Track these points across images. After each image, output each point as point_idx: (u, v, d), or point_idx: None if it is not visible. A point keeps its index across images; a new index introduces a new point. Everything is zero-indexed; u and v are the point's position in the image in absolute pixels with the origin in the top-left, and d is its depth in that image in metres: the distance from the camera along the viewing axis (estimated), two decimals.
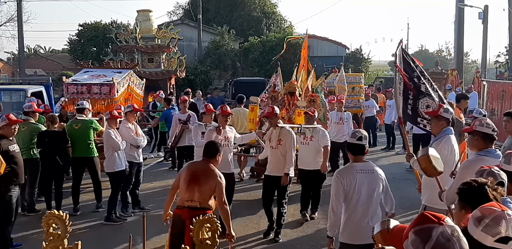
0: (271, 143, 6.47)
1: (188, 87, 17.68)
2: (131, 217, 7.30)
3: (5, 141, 5.99)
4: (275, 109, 6.48)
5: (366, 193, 4.02)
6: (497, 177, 2.85)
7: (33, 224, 6.87)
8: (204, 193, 4.43)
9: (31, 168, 7.32)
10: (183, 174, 4.58)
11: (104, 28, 29.03)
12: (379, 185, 4.07)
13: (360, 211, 4.04)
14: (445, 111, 4.80)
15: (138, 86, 10.71)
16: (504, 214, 1.96)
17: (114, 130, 7.10)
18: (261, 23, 32.83)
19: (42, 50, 48.75)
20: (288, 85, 8.37)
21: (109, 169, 7.08)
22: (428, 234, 1.72)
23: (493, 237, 1.93)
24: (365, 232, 3.85)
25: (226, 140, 6.48)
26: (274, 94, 8.87)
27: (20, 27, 27.54)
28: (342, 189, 4.01)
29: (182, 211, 4.41)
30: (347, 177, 4.02)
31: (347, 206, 4.07)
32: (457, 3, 22.51)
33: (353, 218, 4.05)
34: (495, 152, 4.04)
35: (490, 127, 4.11)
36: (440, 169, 4.13)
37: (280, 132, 6.39)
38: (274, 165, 6.42)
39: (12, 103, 12.04)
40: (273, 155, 6.44)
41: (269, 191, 6.54)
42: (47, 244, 3.02)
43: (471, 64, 48.04)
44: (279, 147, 6.35)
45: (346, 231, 4.10)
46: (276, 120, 6.45)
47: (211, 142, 4.89)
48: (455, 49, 25.07)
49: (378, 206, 4.12)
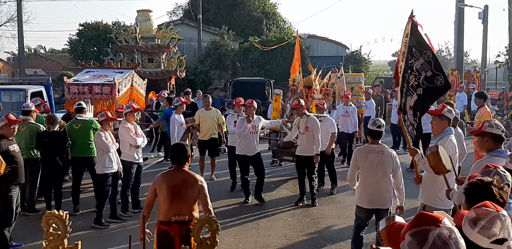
0: (299, 129, 7.79)
1: (188, 87, 17.68)
2: (131, 217, 7.32)
3: (5, 141, 5.99)
4: (300, 101, 7.88)
5: (375, 168, 5.13)
6: (503, 178, 2.85)
7: (33, 224, 6.88)
8: (189, 203, 4.17)
9: (31, 168, 7.32)
10: (161, 189, 4.17)
11: (105, 28, 29.05)
12: (387, 163, 5.13)
13: (370, 182, 5.16)
14: (448, 111, 4.81)
15: (141, 86, 10.74)
16: (499, 215, 1.95)
17: (107, 132, 7.06)
18: (261, 23, 32.83)
19: (43, 50, 48.75)
20: (306, 80, 10.47)
21: (98, 171, 7.07)
22: (425, 236, 1.70)
23: (489, 238, 1.93)
24: (374, 200, 5.15)
25: (254, 128, 7.91)
26: (294, 87, 10.88)
27: (20, 27, 27.52)
28: (356, 162, 5.24)
29: (170, 228, 4.09)
30: (361, 155, 5.22)
31: (361, 177, 5.24)
32: (457, 3, 22.50)
33: (365, 188, 5.20)
34: (506, 152, 4.07)
35: (500, 128, 4.17)
36: (449, 167, 4.19)
37: (307, 120, 7.70)
38: (304, 147, 7.76)
39: (12, 103, 12.04)
40: (303, 139, 7.76)
41: (301, 168, 7.93)
42: (47, 244, 3.03)
43: (471, 64, 47.96)
44: (307, 133, 7.68)
45: (360, 197, 5.29)
46: (302, 111, 7.76)
47: (178, 146, 4.50)
48: (455, 49, 25.07)
49: (388, 181, 5.15)
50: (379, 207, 5.18)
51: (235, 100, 9.09)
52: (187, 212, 4.13)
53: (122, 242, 6.11)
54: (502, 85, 27.55)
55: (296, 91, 10.65)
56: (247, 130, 7.84)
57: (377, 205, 5.18)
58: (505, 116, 16.84)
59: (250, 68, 27.78)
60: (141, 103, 10.72)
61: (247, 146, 7.91)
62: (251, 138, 7.91)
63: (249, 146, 7.91)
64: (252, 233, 6.66)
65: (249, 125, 7.85)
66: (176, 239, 4.02)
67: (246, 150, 7.94)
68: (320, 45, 31.46)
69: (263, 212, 7.65)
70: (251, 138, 7.91)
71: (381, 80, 25.88)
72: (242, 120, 7.95)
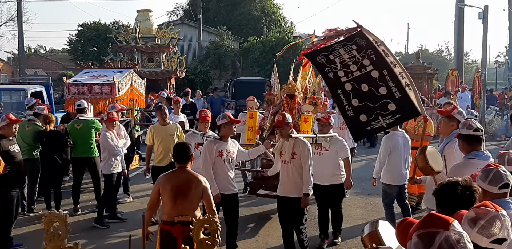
0: (282, 156, 5.44)
1: (188, 87, 17.68)
2: (131, 217, 7.31)
3: (6, 141, 5.99)
4: (286, 117, 5.44)
5: (402, 150, 6.21)
6: (503, 178, 2.76)
7: (33, 224, 6.88)
8: (193, 203, 4.17)
9: (31, 168, 7.32)
10: (164, 190, 4.15)
11: (104, 28, 29.05)
12: (408, 145, 6.33)
13: (398, 162, 6.18)
14: (458, 113, 4.70)
15: (140, 85, 10.75)
16: (499, 215, 1.95)
17: (112, 132, 7.05)
18: (261, 22, 32.83)
19: (43, 50, 48.78)
20: (287, 87, 7.27)
21: (105, 171, 7.07)
22: (431, 239, 1.66)
23: (488, 238, 1.92)
24: (400, 177, 6.23)
25: (229, 155, 5.52)
26: (271, 97, 7.73)
27: (20, 27, 27.55)
28: (389, 147, 6.15)
29: (174, 228, 4.08)
30: (392, 139, 6.21)
31: (389, 158, 6.20)
32: (457, 3, 22.50)
33: (393, 167, 6.17)
34: (483, 154, 3.91)
35: (471, 128, 3.94)
36: (438, 168, 4.09)
37: (295, 144, 5.36)
38: (288, 184, 5.41)
39: (12, 103, 12.05)
40: (286, 171, 5.42)
41: (285, 216, 5.53)
42: (47, 244, 3.03)
43: (471, 64, 48.02)
44: (293, 162, 5.34)
45: (388, 175, 6.24)
46: (289, 130, 5.39)
47: (180, 145, 4.42)
48: (455, 49, 25.10)
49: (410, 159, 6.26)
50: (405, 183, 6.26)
51: (199, 113, 6.56)
52: (191, 212, 4.12)
53: (122, 242, 6.11)
54: (502, 85, 27.57)
55: (274, 102, 7.62)
56: (223, 157, 5.47)
57: (404, 181, 6.26)
58: (505, 116, 16.84)
59: (250, 68, 27.78)
60: (141, 103, 10.72)
61: (221, 181, 5.46)
62: (227, 169, 5.52)
63: (226, 182, 5.51)
64: (252, 233, 6.65)
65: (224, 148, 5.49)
66: (179, 240, 4.00)
67: (221, 189, 5.45)
68: None
69: (263, 212, 7.65)
70: (227, 169, 5.52)
71: None
72: (210, 143, 5.54)
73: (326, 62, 4.04)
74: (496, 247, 1.93)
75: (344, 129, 8.08)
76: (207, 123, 6.32)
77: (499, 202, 2.47)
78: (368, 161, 11.29)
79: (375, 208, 7.80)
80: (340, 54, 4.01)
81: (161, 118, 7.20)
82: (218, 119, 5.62)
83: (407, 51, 58.94)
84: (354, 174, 9.66)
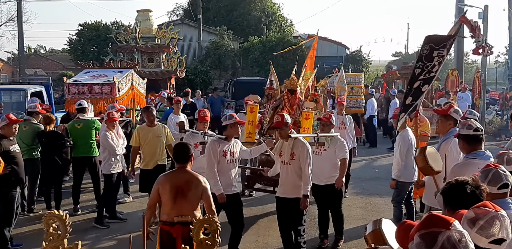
0: (282, 157, 5.39)
1: (188, 87, 17.67)
2: (131, 218, 7.31)
3: (6, 141, 5.99)
4: (285, 117, 5.33)
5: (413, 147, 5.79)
6: (502, 178, 2.76)
7: (33, 224, 6.89)
8: (193, 204, 4.17)
9: (31, 168, 7.32)
10: (164, 190, 4.15)
11: (104, 28, 29.05)
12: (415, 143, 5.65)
13: (412, 159, 5.65)
14: (455, 112, 4.76)
15: (141, 85, 10.76)
16: (498, 215, 1.95)
17: (112, 132, 7.04)
18: (261, 22, 32.83)
19: (43, 50, 48.79)
20: (288, 82, 7.19)
21: (105, 171, 7.07)
22: (434, 239, 1.66)
23: (487, 238, 1.92)
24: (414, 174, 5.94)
25: (232, 155, 5.44)
26: (271, 91, 7.68)
27: (20, 27, 27.54)
28: (407, 144, 5.97)
29: (174, 228, 4.08)
30: (408, 137, 6.02)
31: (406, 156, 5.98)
32: (457, 3, 22.48)
33: (409, 164, 5.94)
34: (484, 154, 3.92)
35: (471, 128, 3.96)
36: (437, 168, 4.11)
37: (294, 144, 5.29)
38: (287, 185, 5.37)
39: (12, 103, 12.04)
40: (286, 172, 5.37)
41: (284, 217, 5.47)
42: (47, 244, 3.03)
43: (471, 64, 47.98)
44: (293, 163, 5.28)
45: (405, 172, 6.00)
46: (288, 131, 5.30)
47: (181, 145, 4.43)
48: (455, 49, 25.04)
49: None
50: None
51: (198, 113, 6.52)
52: (190, 212, 4.12)
53: (122, 242, 6.12)
54: (502, 85, 27.56)
55: (275, 96, 7.54)
56: (227, 158, 5.39)
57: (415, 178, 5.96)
58: (505, 116, 16.85)
59: (250, 68, 27.76)
60: (142, 102, 10.73)
61: (224, 181, 5.36)
62: (229, 169, 5.45)
63: (228, 182, 5.42)
64: (252, 233, 6.65)
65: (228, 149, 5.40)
66: (179, 240, 4.00)
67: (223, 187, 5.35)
68: (320, 45, 31.22)
69: (263, 212, 7.65)
70: (229, 169, 5.45)
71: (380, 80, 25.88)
72: (214, 143, 5.41)
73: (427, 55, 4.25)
74: (495, 248, 1.93)
75: (344, 129, 8.32)
76: (206, 123, 6.30)
77: (498, 202, 2.46)
78: (368, 161, 11.27)
79: (375, 208, 7.81)
80: (443, 54, 4.33)
81: (148, 120, 7.02)
82: (224, 119, 5.49)
83: (407, 51, 58.96)
84: (354, 174, 9.74)
